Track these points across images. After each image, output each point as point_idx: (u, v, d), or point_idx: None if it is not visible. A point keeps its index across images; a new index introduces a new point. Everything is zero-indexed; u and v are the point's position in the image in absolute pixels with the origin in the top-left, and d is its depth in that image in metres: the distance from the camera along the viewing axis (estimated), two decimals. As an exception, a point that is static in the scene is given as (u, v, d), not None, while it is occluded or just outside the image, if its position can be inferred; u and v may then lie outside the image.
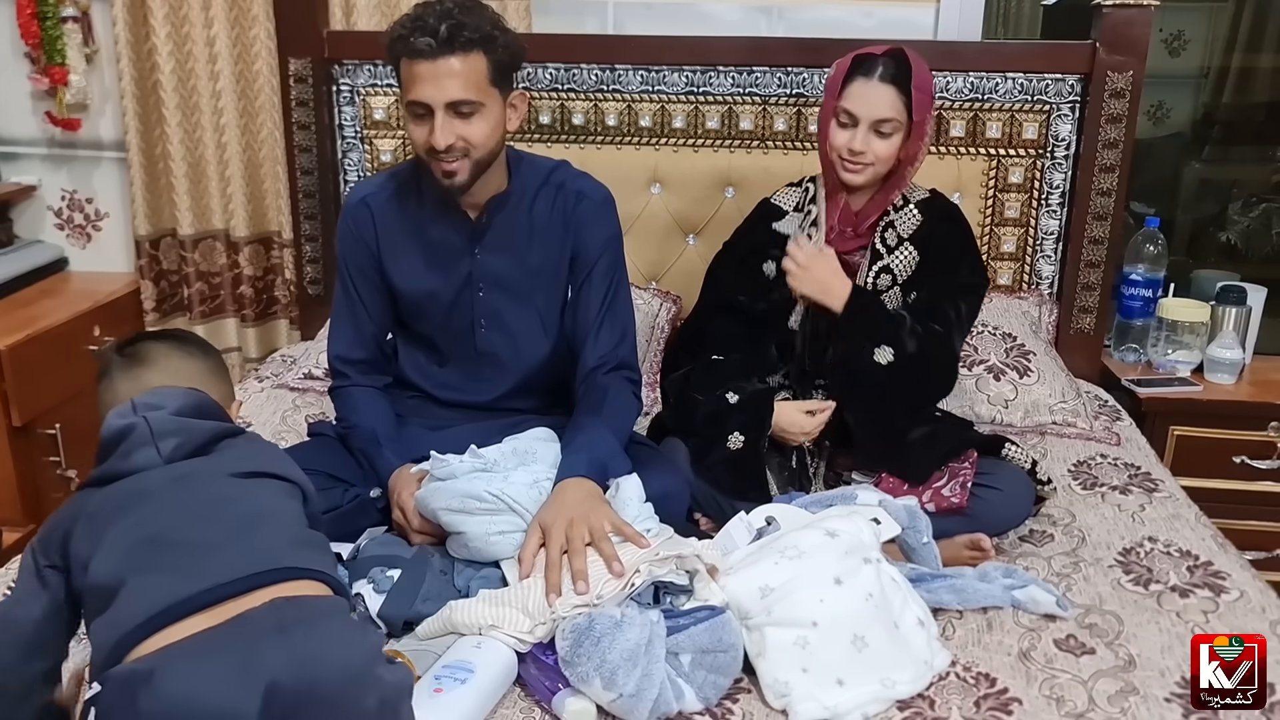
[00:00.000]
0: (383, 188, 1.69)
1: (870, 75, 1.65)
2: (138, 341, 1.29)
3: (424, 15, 1.47)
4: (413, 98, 1.50)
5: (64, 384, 2.38)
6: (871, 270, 1.75)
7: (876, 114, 1.64)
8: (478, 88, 1.50)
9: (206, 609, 0.98)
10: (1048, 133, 2.25)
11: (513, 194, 1.64)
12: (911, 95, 1.63)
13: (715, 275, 1.92)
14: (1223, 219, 3.60)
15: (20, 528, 2.25)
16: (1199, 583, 1.47)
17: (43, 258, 2.69)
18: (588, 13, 2.51)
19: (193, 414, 1.18)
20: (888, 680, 1.21)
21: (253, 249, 2.64)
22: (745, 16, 2.49)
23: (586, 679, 1.16)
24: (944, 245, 1.76)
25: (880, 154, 1.66)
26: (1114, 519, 1.68)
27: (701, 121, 2.33)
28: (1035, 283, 2.34)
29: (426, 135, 1.50)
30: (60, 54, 2.50)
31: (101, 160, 2.69)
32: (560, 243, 1.66)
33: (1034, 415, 2.03)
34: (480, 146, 1.53)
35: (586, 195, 1.67)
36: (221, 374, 1.30)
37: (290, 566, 1.04)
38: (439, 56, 1.46)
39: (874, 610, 1.25)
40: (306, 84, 2.35)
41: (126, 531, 1.05)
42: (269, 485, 1.14)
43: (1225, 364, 2.25)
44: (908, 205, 1.76)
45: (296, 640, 0.96)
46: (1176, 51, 3.78)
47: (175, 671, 0.92)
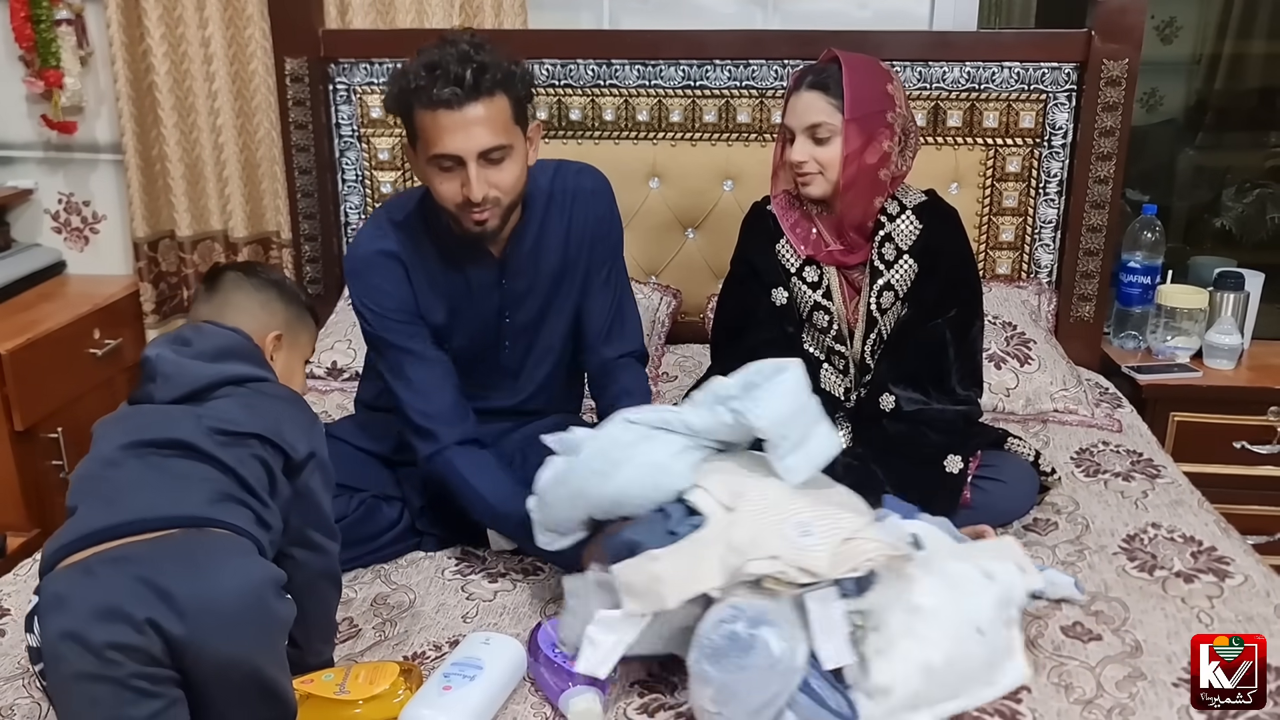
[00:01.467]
0: (401, 239, 1.58)
1: (798, 87, 1.65)
2: (219, 270, 1.38)
3: (442, 62, 1.39)
4: (440, 151, 1.42)
5: (65, 388, 2.37)
6: (873, 290, 1.71)
7: (804, 120, 1.63)
8: (505, 130, 1.44)
9: (120, 540, 1.05)
10: (1044, 121, 2.25)
11: (529, 219, 1.61)
12: (844, 94, 1.59)
13: (723, 305, 1.87)
14: (1217, 205, 3.61)
15: (24, 532, 2.24)
16: (1203, 568, 1.48)
17: (41, 261, 2.68)
18: (583, 8, 2.51)
19: (214, 356, 1.22)
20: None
21: (251, 249, 2.64)
22: (740, 10, 2.49)
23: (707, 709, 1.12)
24: (941, 264, 1.70)
25: (822, 159, 1.63)
26: (1117, 506, 1.69)
27: (699, 115, 2.33)
28: (1034, 271, 2.35)
29: (458, 189, 1.44)
30: (55, 57, 2.49)
31: (98, 163, 2.68)
32: (579, 240, 1.65)
33: (1035, 403, 2.04)
34: (511, 191, 1.48)
35: (585, 189, 1.66)
36: (273, 305, 1.34)
37: (205, 516, 1.09)
38: (465, 104, 1.39)
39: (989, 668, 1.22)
40: (303, 83, 2.35)
41: (91, 459, 1.17)
42: (231, 455, 1.15)
43: (1224, 349, 2.26)
44: (904, 212, 1.71)
45: (198, 560, 1.04)
46: (1169, 38, 3.79)
47: (71, 579, 1.04)
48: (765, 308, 1.76)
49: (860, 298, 1.73)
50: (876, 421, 1.67)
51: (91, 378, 2.48)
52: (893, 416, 1.66)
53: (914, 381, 1.67)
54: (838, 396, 1.74)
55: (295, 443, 1.20)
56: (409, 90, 1.41)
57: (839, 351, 1.74)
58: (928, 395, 1.67)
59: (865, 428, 1.67)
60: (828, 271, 1.74)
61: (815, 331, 1.75)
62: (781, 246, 1.76)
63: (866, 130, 1.62)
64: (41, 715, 1.21)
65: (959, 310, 1.69)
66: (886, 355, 1.71)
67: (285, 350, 1.34)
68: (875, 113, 1.62)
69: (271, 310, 1.34)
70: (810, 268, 1.74)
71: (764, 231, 1.79)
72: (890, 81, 1.66)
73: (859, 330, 1.74)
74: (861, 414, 1.71)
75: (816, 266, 1.74)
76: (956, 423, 1.67)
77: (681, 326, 2.38)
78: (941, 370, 1.68)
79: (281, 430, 1.19)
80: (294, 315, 1.37)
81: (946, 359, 1.67)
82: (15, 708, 1.22)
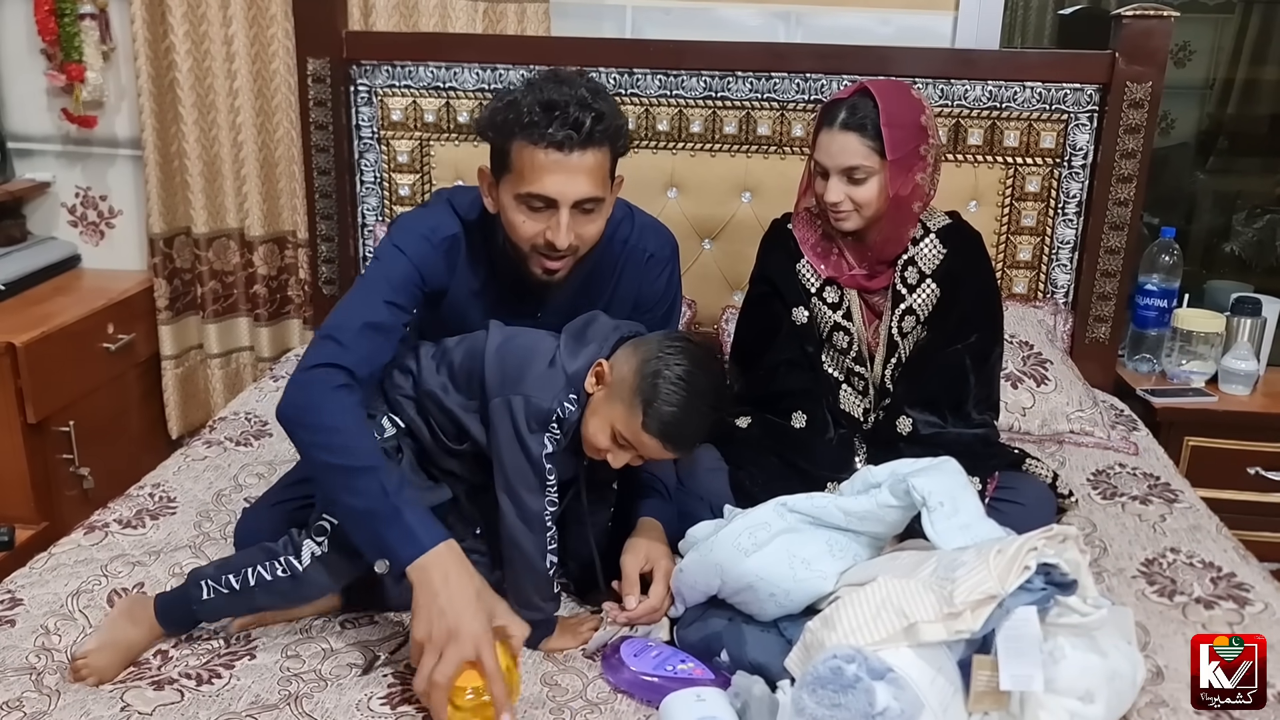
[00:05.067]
0: (455, 243, 1.49)
1: (832, 124, 1.61)
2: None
3: (562, 103, 1.33)
4: (536, 190, 1.36)
5: (78, 381, 2.37)
6: (895, 314, 1.70)
7: (840, 163, 1.61)
8: (603, 183, 1.40)
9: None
10: (1065, 142, 2.25)
11: (583, 261, 1.49)
12: (883, 135, 1.58)
13: (742, 324, 1.85)
14: (1228, 230, 3.61)
15: (33, 525, 2.24)
16: (1223, 594, 1.47)
17: (56, 255, 2.68)
18: (606, 17, 2.51)
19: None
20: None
21: (267, 248, 2.64)
22: (763, 22, 2.49)
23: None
24: (964, 290, 1.69)
25: (860, 199, 1.62)
26: (1135, 529, 1.68)
27: (719, 127, 2.33)
28: (1050, 292, 2.35)
29: (541, 230, 1.38)
30: (77, 51, 2.50)
31: (116, 158, 2.68)
32: (624, 299, 1.57)
33: (1051, 424, 2.03)
34: (590, 243, 1.43)
35: (653, 255, 1.58)
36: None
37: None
38: (574, 150, 1.34)
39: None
40: (324, 84, 2.35)
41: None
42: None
43: (1240, 375, 2.26)
44: (928, 235, 1.70)
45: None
46: (1182, 62, 3.79)
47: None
48: (786, 327, 1.75)
49: (881, 321, 1.73)
50: (893, 444, 1.66)
51: (104, 372, 2.48)
52: (909, 439, 1.66)
53: (932, 405, 1.67)
54: (856, 418, 1.73)
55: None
56: (518, 122, 1.35)
57: (858, 373, 1.73)
58: (945, 420, 1.67)
59: (881, 450, 1.66)
60: (848, 293, 1.73)
61: (835, 352, 1.74)
62: (802, 266, 1.75)
63: (906, 168, 1.60)
64: (49, 706, 1.21)
65: (979, 336, 1.69)
66: (905, 378, 1.70)
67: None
68: (913, 150, 1.61)
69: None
70: (830, 288, 1.74)
71: (784, 250, 1.78)
72: (923, 112, 1.63)
73: (879, 354, 1.73)
74: (878, 436, 1.70)
75: (836, 287, 1.74)
76: (974, 445, 1.66)
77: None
78: (960, 396, 1.67)
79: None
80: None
81: (966, 385, 1.67)
82: (24, 700, 1.22)
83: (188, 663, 1.31)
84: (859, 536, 1.32)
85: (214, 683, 1.27)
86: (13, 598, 1.42)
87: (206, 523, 1.65)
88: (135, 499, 1.71)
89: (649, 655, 1.29)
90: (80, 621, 1.38)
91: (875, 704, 1.04)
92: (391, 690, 1.26)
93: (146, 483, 1.77)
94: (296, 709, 1.22)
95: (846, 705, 1.05)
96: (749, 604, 1.30)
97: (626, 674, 1.27)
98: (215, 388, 2.71)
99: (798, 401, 1.73)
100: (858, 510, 1.30)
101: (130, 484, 1.77)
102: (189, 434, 2.62)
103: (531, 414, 1.31)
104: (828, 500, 1.32)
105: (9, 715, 1.20)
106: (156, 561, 1.53)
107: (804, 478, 1.63)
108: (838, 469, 1.65)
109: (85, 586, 1.46)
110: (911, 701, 1.06)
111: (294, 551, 1.34)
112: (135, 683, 1.27)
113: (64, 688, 1.25)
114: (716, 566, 1.30)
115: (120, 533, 1.60)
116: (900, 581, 1.15)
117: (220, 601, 1.34)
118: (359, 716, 1.21)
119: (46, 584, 1.46)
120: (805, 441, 1.70)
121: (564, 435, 1.33)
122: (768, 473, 1.65)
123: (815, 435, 1.71)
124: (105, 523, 1.62)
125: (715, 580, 1.31)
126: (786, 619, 1.29)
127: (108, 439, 2.46)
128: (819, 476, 1.64)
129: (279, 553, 1.34)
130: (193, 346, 2.72)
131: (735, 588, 1.29)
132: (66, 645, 1.33)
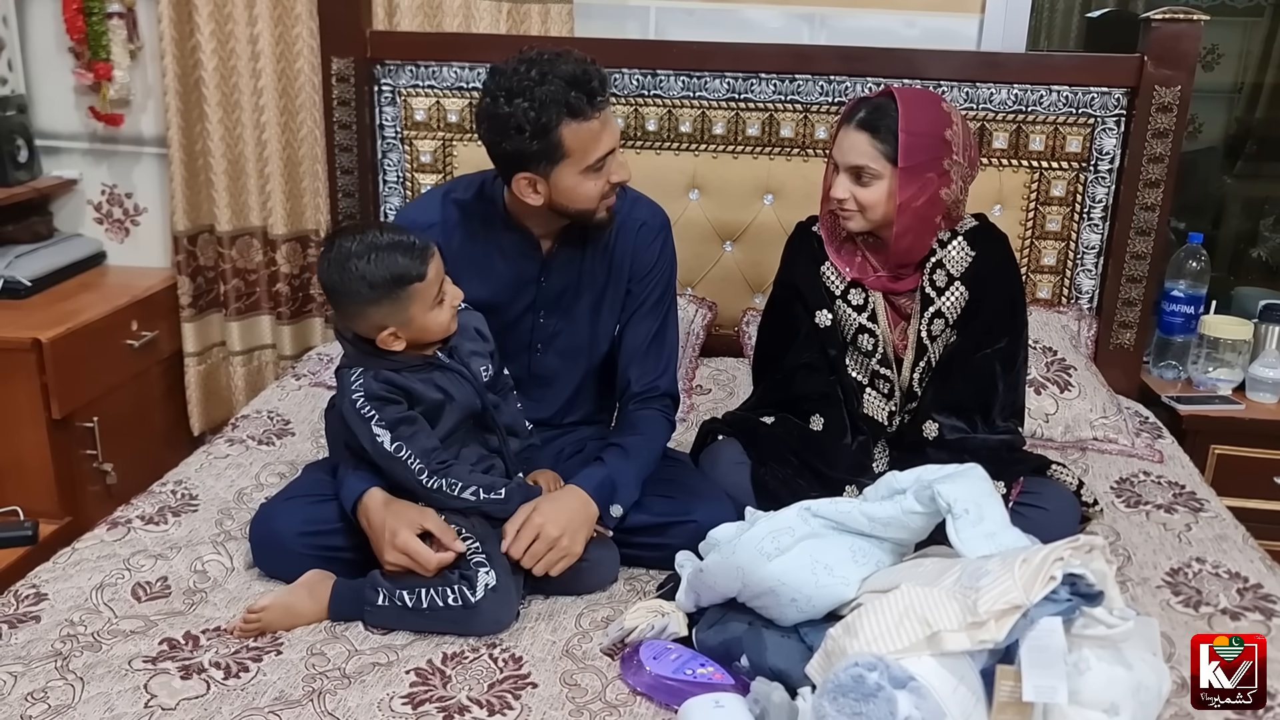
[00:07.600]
0: (452, 214, 1.65)
1: (850, 121, 1.62)
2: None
3: (580, 73, 1.46)
4: (602, 153, 1.51)
5: (102, 378, 2.39)
6: (924, 318, 1.69)
7: (849, 160, 1.61)
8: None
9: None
10: (1091, 146, 2.23)
11: (580, 230, 1.64)
12: (898, 139, 1.56)
13: (765, 328, 1.86)
14: (1255, 236, 3.57)
15: (57, 520, 2.26)
16: (1249, 605, 1.46)
17: (82, 251, 2.70)
18: (629, 18, 2.51)
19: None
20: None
21: (289, 247, 2.65)
22: (787, 24, 2.49)
23: None
24: (991, 292, 1.67)
25: (864, 201, 1.62)
26: (1160, 538, 1.66)
27: (742, 128, 2.32)
28: (1075, 297, 2.33)
29: (604, 181, 1.54)
30: (105, 50, 2.52)
31: (142, 156, 2.70)
32: (620, 268, 1.68)
33: (1075, 430, 2.01)
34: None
35: (645, 223, 1.70)
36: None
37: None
38: (607, 106, 1.51)
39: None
40: (348, 83, 2.36)
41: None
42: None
43: (1268, 383, 2.23)
44: (956, 238, 1.69)
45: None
46: (1210, 65, 3.76)
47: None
48: (807, 331, 1.74)
49: (910, 325, 1.71)
50: (918, 449, 1.65)
51: (128, 369, 2.49)
52: (935, 444, 1.65)
53: (959, 411, 1.66)
54: (880, 422, 1.72)
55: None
56: (563, 110, 1.45)
57: (884, 375, 1.72)
58: (972, 425, 1.66)
59: (906, 454, 1.65)
60: (873, 295, 1.72)
61: (859, 355, 1.73)
62: (826, 268, 1.75)
63: (919, 179, 1.59)
64: (73, 698, 1.22)
65: (1009, 341, 1.68)
66: (933, 383, 1.69)
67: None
68: (929, 160, 1.59)
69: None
70: (855, 290, 1.73)
71: (808, 252, 1.77)
72: (950, 126, 1.60)
73: (908, 358, 1.72)
74: (903, 440, 1.69)
75: (862, 289, 1.73)
76: (999, 451, 1.65)
77: (716, 339, 2.37)
78: (988, 402, 1.66)
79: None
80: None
81: (995, 391, 1.66)
82: (49, 690, 1.24)
83: (217, 650, 1.33)
84: (882, 543, 1.31)
85: (241, 676, 1.28)
86: (37, 592, 1.44)
87: (228, 520, 1.66)
88: (157, 495, 1.72)
89: (668, 658, 1.29)
90: (105, 614, 1.40)
91: (897, 713, 1.04)
92: (413, 690, 1.26)
93: (169, 479, 1.79)
94: (319, 706, 1.22)
95: (868, 714, 1.04)
96: (770, 609, 1.29)
97: (646, 677, 1.27)
98: (237, 385, 2.72)
99: (816, 405, 1.73)
100: (882, 516, 1.29)
101: (153, 480, 1.79)
102: (211, 431, 2.64)
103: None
104: (852, 506, 1.31)
105: (34, 706, 1.21)
106: (178, 555, 1.54)
107: (821, 479, 1.63)
108: (854, 472, 1.65)
109: (109, 580, 1.47)
110: (933, 711, 1.05)
111: (469, 582, 1.36)
112: (164, 664, 1.29)
113: (89, 677, 1.26)
114: (738, 570, 1.29)
115: (143, 529, 1.62)
116: (923, 589, 1.14)
117: (391, 613, 1.37)
118: (380, 716, 1.21)
119: (70, 578, 1.47)
120: (823, 444, 1.70)
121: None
122: (788, 471, 1.65)
123: (833, 439, 1.71)
124: (128, 519, 1.64)
125: (736, 583, 1.30)
126: (807, 625, 1.28)
127: (131, 435, 2.48)
128: (836, 479, 1.64)
129: (454, 580, 1.36)
130: (215, 344, 2.74)
131: (756, 591, 1.29)
132: (90, 635, 1.35)
